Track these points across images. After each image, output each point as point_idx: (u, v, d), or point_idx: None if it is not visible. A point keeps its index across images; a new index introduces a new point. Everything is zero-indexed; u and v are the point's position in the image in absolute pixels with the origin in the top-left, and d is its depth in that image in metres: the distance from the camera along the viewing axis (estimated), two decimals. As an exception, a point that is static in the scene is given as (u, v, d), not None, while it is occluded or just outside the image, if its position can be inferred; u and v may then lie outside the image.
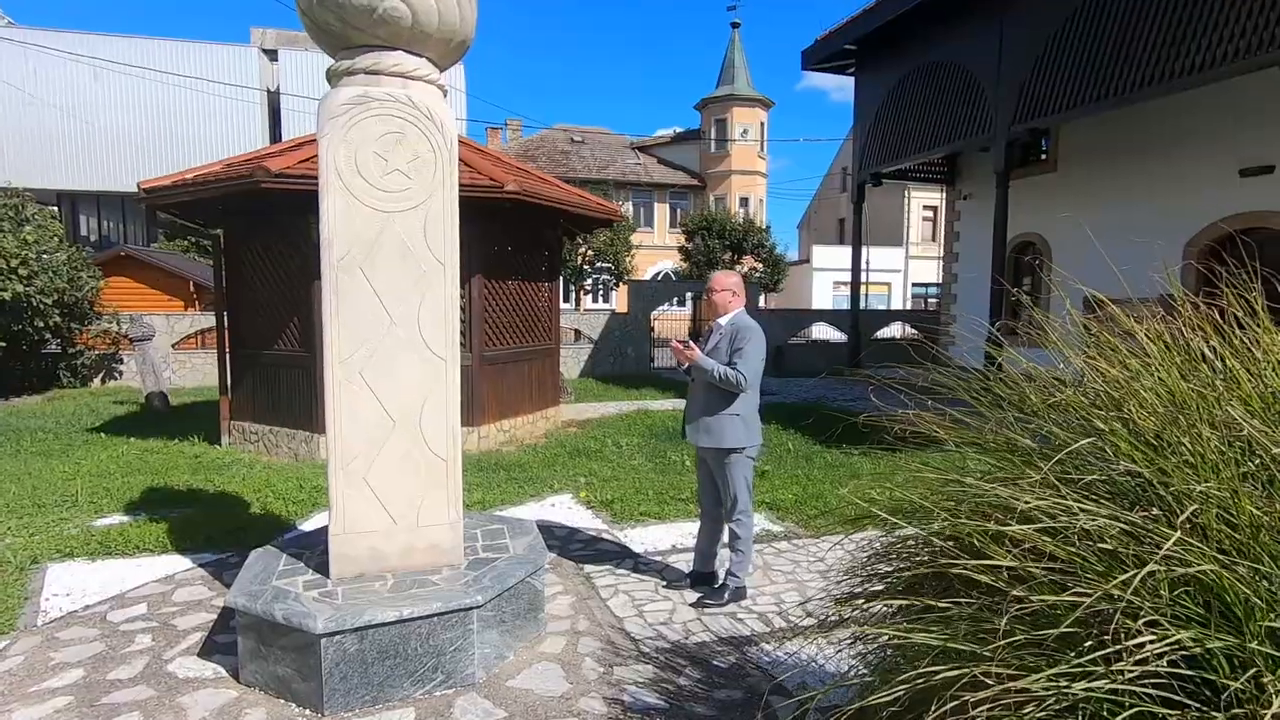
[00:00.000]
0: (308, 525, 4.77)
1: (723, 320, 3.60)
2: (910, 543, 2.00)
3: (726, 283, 3.61)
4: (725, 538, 3.73)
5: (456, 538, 3.02)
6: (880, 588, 2.22)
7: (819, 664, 2.99)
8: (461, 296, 7.64)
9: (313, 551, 3.15)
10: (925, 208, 34.42)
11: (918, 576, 1.92)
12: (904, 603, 1.81)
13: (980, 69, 10.98)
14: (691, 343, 3.57)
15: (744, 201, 33.34)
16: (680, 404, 11.39)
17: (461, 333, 7.65)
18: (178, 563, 4.11)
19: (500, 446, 7.67)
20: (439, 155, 2.86)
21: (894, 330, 18.77)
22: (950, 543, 1.74)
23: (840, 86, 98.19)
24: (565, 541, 4.55)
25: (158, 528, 4.58)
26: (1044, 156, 13.12)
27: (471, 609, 2.71)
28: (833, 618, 2.27)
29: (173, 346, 14.15)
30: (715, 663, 2.99)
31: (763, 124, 34.31)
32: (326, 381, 2.78)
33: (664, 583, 3.86)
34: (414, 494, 2.92)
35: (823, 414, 9.81)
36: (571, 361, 15.23)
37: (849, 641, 2.19)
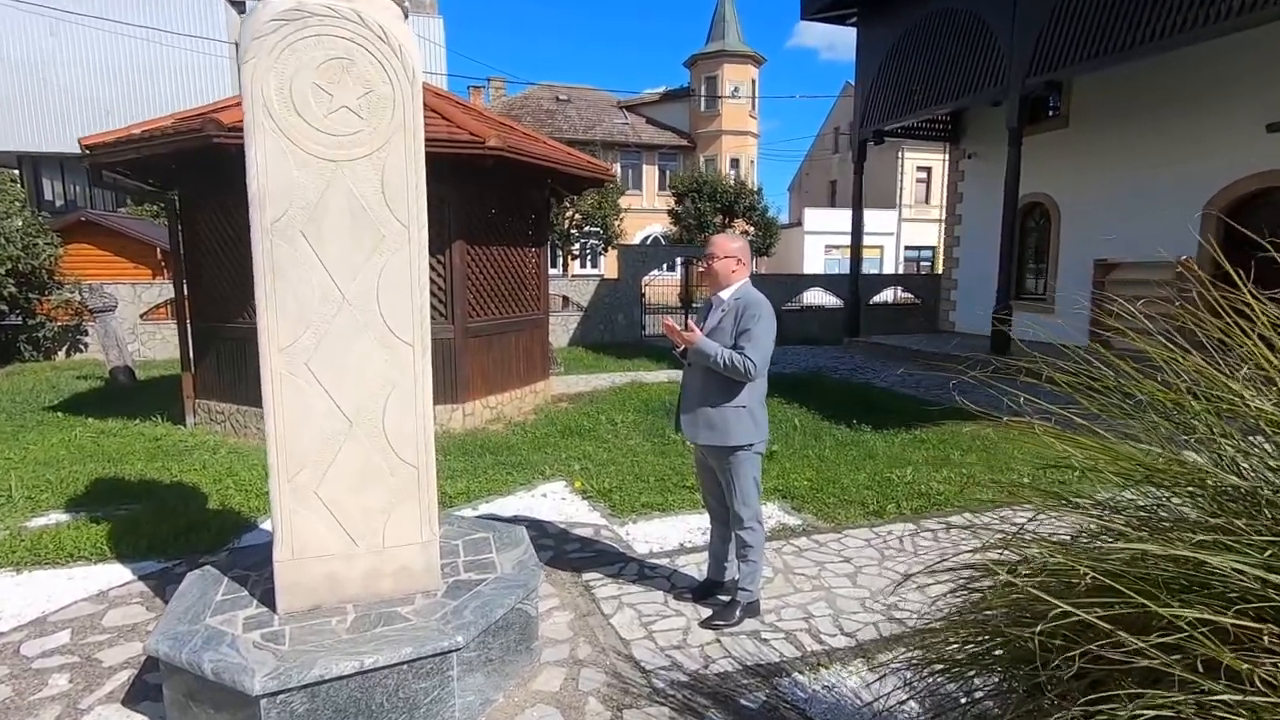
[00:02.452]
0: (270, 524, 4.26)
1: (725, 294, 3.02)
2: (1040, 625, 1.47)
3: (729, 248, 3.02)
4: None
5: (431, 558, 2.52)
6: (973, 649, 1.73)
7: (863, 700, 2.54)
8: (441, 264, 7.09)
9: (261, 573, 2.63)
10: (919, 169, 33.70)
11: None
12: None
13: (994, 16, 10.30)
14: (690, 322, 3.01)
15: (734, 163, 32.49)
16: (676, 375, 10.94)
17: (443, 303, 7.13)
18: (116, 574, 3.59)
19: (487, 425, 7.16)
20: (398, 89, 2.27)
21: (887, 295, 18.27)
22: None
23: (830, 45, 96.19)
24: (560, 541, 4.06)
25: (98, 530, 4.05)
26: (1051, 114, 12.51)
27: (451, 652, 2.22)
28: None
29: (141, 317, 13.45)
30: (743, 701, 2.54)
31: (754, 82, 33.27)
32: (264, 375, 2.24)
33: (674, 593, 3.39)
34: (378, 509, 2.41)
35: (827, 385, 9.37)
36: (560, 330, 14.67)
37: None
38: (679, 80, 36.79)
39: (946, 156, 15.74)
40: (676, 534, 4.17)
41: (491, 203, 7.26)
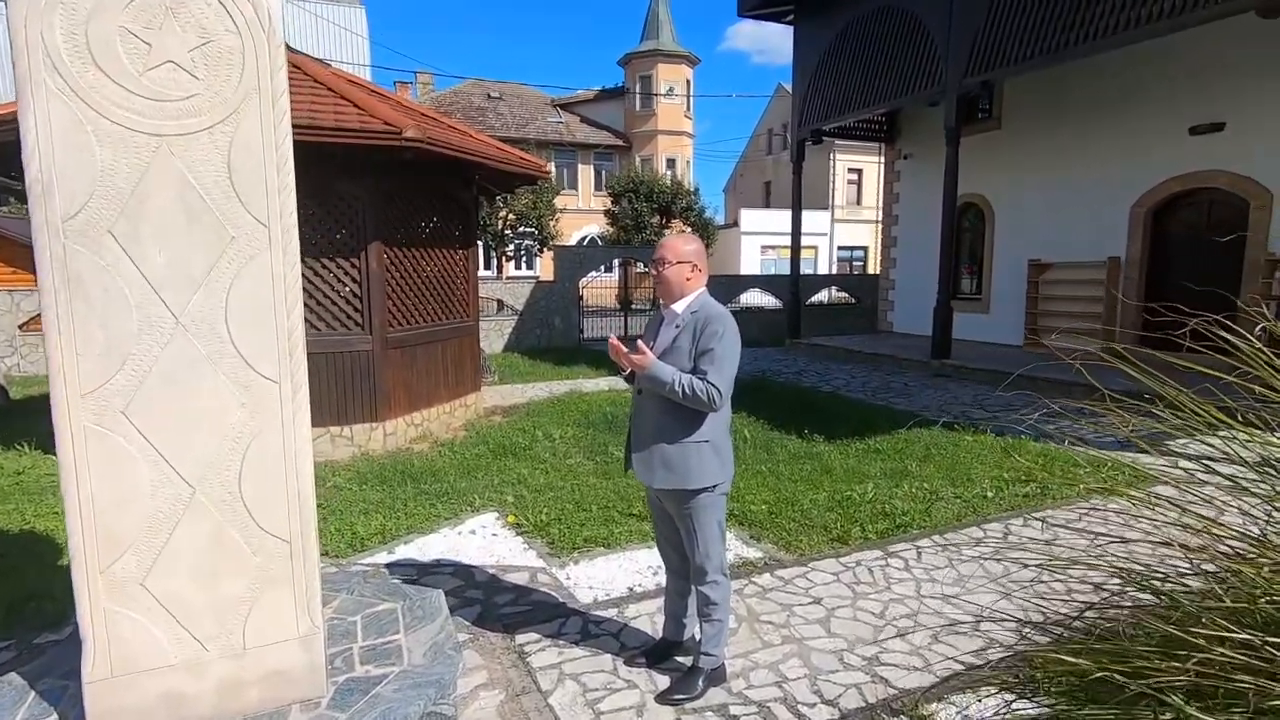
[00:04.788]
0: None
1: (679, 306, 2.53)
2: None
3: (683, 252, 2.52)
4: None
5: (313, 656, 1.94)
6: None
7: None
8: (356, 268, 6.35)
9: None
10: (850, 170, 34.37)
11: None
12: None
13: (930, 16, 10.23)
14: (641, 343, 2.48)
15: (670, 163, 32.32)
16: (617, 383, 10.39)
17: (358, 311, 6.40)
18: (-83, 666, 2.84)
19: (411, 444, 6.50)
20: (248, 40, 1.69)
21: (823, 296, 18.30)
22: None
23: (761, 49, 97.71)
24: (489, 591, 3.50)
25: (-94, 603, 3.26)
26: (982, 115, 12.60)
27: (332, 795, 1.66)
28: None
29: (20, 328, 12.07)
30: (714, 811, 2.06)
31: (688, 82, 33.18)
32: (59, 432, 1.62)
33: (624, 655, 2.89)
34: (236, 599, 1.82)
35: (773, 390, 9.06)
36: (494, 335, 13.99)
37: None
38: (613, 79, 36.34)
39: (882, 158, 15.79)
40: (624, 575, 3.67)
41: (413, 200, 6.61)
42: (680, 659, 2.82)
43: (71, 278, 1.59)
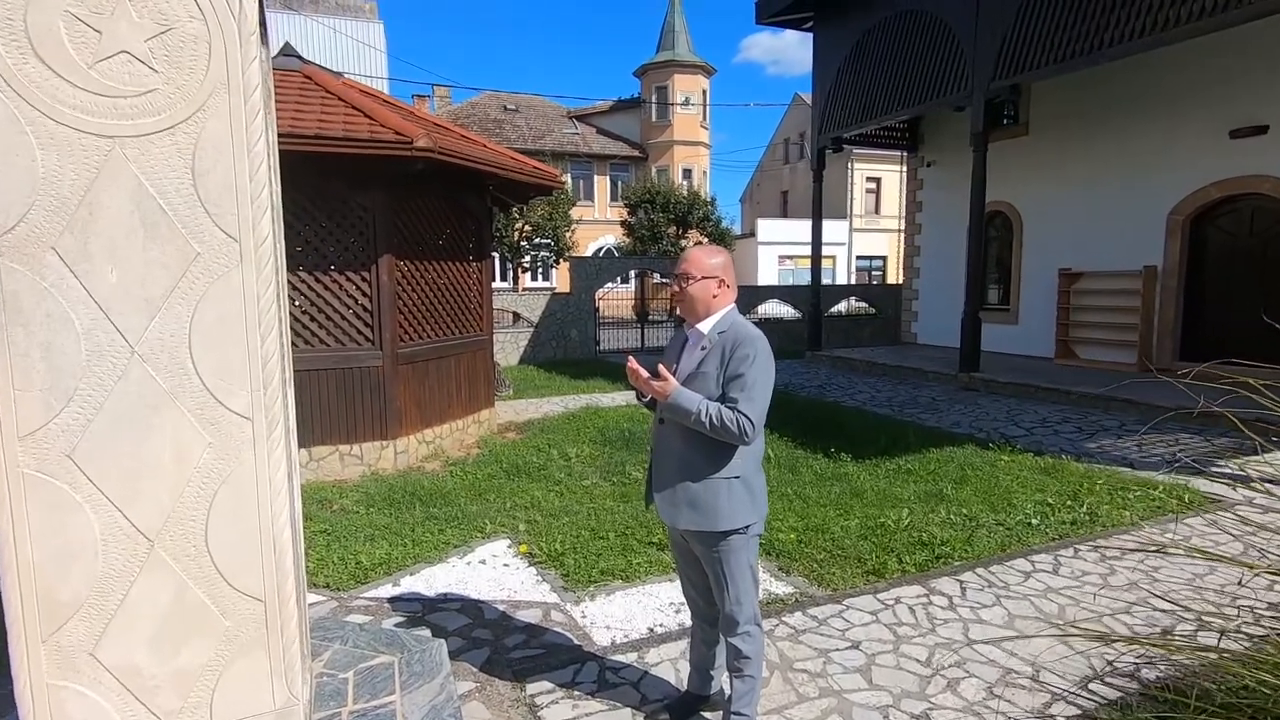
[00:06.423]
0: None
1: (705, 325, 2.25)
2: None
3: (708, 265, 2.25)
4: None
5: (293, 730, 1.70)
6: None
7: None
8: (367, 282, 6.16)
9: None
10: (868, 179, 34.08)
11: None
12: None
13: (956, 19, 9.94)
14: (662, 368, 2.17)
15: (687, 173, 32.19)
16: (635, 398, 10.02)
17: (369, 325, 6.21)
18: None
19: (422, 463, 6.30)
20: (217, 28, 1.47)
21: (841, 306, 17.97)
22: None
23: (776, 60, 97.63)
24: (499, 631, 3.25)
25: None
26: (1007, 121, 12.26)
27: None
28: None
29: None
30: None
31: (704, 92, 33.08)
32: (-7, 478, 1.40)
33: (644, 709, 2.62)
34: (201, 668, 1.58)
35: (796, 405, 8.75)
36: (510, 347, 13.82)
37: None
38: (629, 90, 36.32)
39: (904, 167, 15.48)
40: (644, 613, 3.40)
41: (425, 212, 6.43)
42: (707, 715, 2.55)
43: (7, 301, 1.37)
